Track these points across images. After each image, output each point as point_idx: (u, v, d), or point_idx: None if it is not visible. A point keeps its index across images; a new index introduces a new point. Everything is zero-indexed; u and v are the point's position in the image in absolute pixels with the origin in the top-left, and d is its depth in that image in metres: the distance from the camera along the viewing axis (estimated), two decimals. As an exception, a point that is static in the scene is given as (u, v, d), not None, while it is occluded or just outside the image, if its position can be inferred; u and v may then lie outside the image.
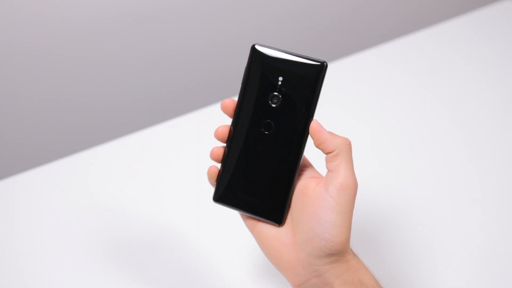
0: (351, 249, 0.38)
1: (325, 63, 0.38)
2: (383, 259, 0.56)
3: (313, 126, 0.39)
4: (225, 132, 0.40)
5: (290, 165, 0.39)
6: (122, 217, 0.61)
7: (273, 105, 0.39)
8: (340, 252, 0.36)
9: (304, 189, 0.39)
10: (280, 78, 0.39)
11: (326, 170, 0.38)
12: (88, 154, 0.68)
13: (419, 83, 0.80)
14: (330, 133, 0.38)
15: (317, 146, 0.38)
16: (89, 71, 0.93)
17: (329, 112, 0.75)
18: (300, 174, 0.40)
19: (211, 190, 0.42)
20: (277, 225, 0.39)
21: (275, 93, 0.39)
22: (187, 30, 0.97)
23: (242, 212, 0.41)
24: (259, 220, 0.40)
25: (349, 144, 0.38)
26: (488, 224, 0.60)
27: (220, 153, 0.41)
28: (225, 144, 0.41)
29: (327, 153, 0.38)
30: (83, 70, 0.92)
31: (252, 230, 0.41)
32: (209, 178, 0.41)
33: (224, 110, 0.40)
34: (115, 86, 0.99)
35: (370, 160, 0.68)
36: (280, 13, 1.05)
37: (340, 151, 0.37)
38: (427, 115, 0.75)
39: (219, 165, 0.41)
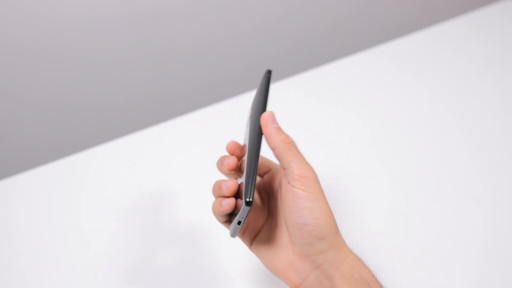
0: (347, 246, 0.39)
1: (269, 71, 0.41)
2: (383, 258, 0.56)
3: (262, 117, 0.39)
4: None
5: (253, 162, 0.38)
6: (122, 217, 0.61)
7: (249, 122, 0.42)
8: (329, 235, 0.37)
9: (276, 193, 0.41)
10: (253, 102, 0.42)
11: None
12: (88, 154, 0.68)
13: (419, 83, 0.80)
14: (277, 129, 0.38)
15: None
16: (89, 71, 0.93)
17: (330, 112, 0.75)
18: (268, 179, 0.42)
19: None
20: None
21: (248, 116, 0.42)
22: (187, 31, 0.97)
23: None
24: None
25: (289, 143, 0.38)
26: (490, 223, 0.60)
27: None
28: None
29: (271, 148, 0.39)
30: (83, 70, 0.92)
31: (250, 247, 0.42)
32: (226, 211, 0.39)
33: (230, 151, 0.42)
34: (115, 86, 0.99)
35: (371, 160, 0.68)
36: (280, 13, 1.05)
37: (279, 150, 0.38)
38: (427, 115, 0.75)
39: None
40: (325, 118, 0.74)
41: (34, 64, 0.87)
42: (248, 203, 0.36)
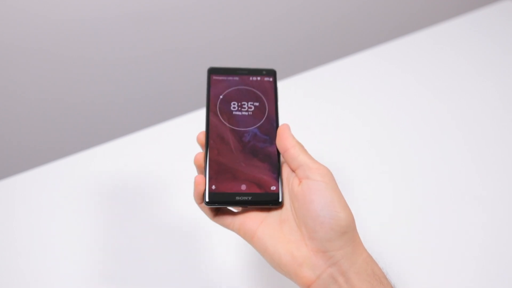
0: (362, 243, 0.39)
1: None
2: (382, 258, 0.56)
3: (281, 127, 0.43)
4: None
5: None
6: (122, 217, 0.61)
7: None
8: (350, 229, 0.37)
9: (291, 191, 0.40)
10: None
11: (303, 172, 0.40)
12: (88, 154, 0.68)
13: (419, 83, 0.80)
14: (293, 136, 0.42)
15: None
16: (89, 71, 0.93)
17: (330, 112, 0.75)
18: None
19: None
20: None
21: None
22: (187, 31, 0.97)
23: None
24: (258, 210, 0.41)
25: (302, 146, 0.41)
26: (490, 222, 0.60)
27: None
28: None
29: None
30: (83, 70, 0.92)
31: (251, 240, 0.40)
32: None
33: None
34: (115, 86, 0.99)
35: (370, 159, 0.68)
36: (280, 13, 1.05)
37: (296, 148, 0.41)
38: (427, 115, 0.75)
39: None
40: (325, 118, 0.74)
41: (34, 64, 0.87)
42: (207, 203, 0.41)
